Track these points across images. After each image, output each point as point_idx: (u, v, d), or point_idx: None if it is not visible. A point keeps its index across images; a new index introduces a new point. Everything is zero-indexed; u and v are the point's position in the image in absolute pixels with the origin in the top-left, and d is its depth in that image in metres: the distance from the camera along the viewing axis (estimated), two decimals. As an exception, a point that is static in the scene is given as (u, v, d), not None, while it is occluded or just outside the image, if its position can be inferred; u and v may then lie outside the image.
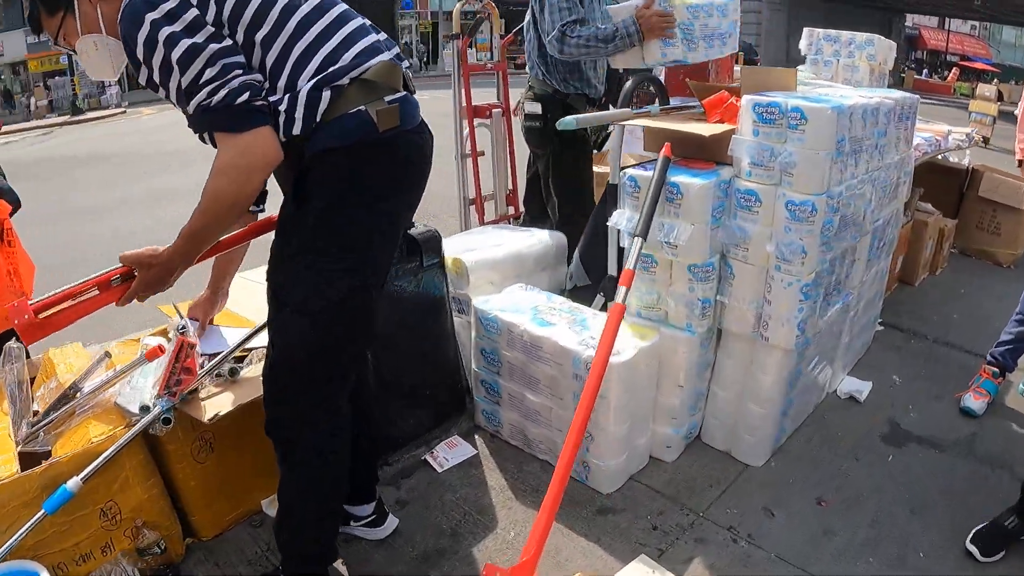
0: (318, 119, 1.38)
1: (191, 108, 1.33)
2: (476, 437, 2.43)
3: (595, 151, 2.66)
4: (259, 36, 1.37)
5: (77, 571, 1.68)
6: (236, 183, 1.35)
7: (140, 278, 1.43)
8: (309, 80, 1.38)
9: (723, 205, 2.11)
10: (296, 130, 1.38)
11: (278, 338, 1.53)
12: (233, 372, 1.88)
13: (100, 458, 1.61)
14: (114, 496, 1.70)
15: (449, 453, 2.31)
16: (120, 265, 1.44)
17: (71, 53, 1.49)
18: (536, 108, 2.89)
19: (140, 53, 1.31)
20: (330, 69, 1.39)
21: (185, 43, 1.29)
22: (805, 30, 4.18)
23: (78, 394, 1.76)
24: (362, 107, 1.40)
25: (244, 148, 1.33)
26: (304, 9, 1.41)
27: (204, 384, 1.84)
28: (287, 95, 1.37)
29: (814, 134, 1.95)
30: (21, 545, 1.52)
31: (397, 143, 1.46)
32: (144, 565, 1.77)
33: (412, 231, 2.21)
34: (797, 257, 2.04)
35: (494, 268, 2.55)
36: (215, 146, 1.36)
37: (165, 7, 1.29)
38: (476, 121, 3.62)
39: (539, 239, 2.75)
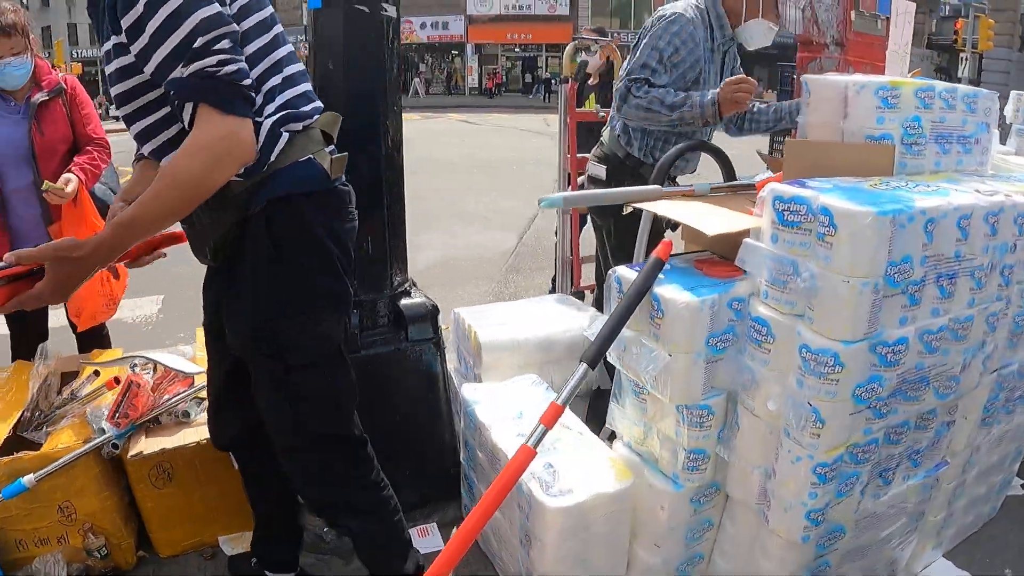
0: (271, 158, 1.38)
1: (188, 71, 1.23)
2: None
3: (670, 230, 2.20)
4: (248, 50, 1.36)
5: (35, 551, 1.99)
6: (207, 168, 1.26)
7: (51, 278, 1.24)
8: (270, 116, 1.38)
9: (733, 331, 1.61)
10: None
11: (293, 405, 1.50)
12: (186, 415, 2.02)
13: (52, 465, 1.87)
14: (71, 498, 1.97)
15: (416, 540, 2.16)
16: (14, 264, 1.23)
17: None
18: (600, 172, 2.52)
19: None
20: (290, 112, 1.41)
21: (214, 7, 1.25)
22: (1013, 93, 2.91)
23: (74, 400, 2.07)
24: (311, 156, 1.43)
25: (228, 132, 1.25)
26: (281, 52, 1.44)
27: (164, 418, 2.02)
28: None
29: (845, 251, 1.37)
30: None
31: (342, 193, 1.51)
32: (92, 563, 2.02)
33: (405, 301, 2.13)
34: (808, 425, 1.46)
35: (515, 350, 2.31)
36: (188, 126, 1.29)
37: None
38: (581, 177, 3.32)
39: (580, 324, 2.40)
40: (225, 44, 1.26)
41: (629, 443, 1.86)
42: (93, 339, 2.61)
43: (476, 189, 4.18)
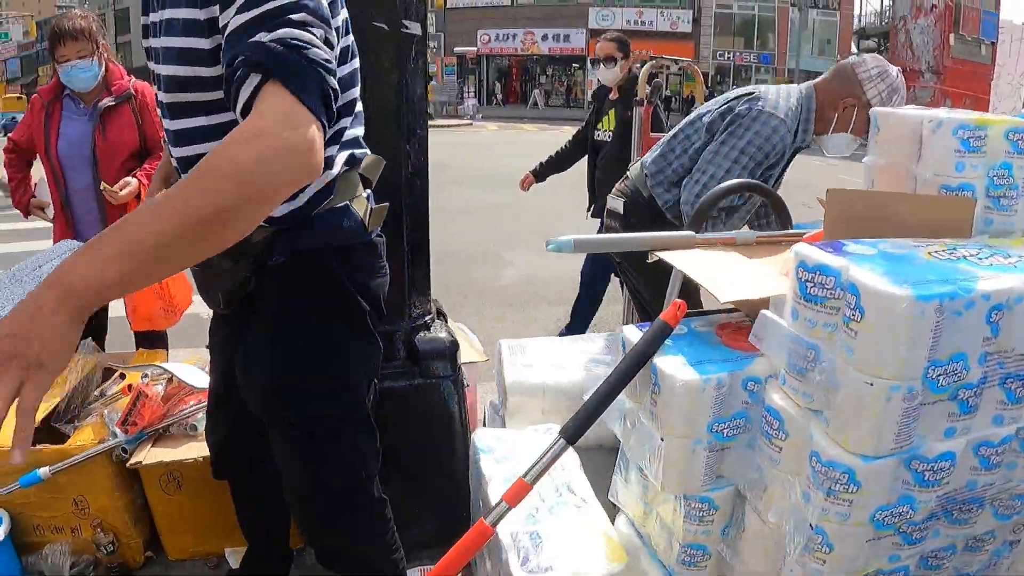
0: (304, 203, 1.24)
1: (272, 36, 0.97)
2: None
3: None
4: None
5: (50, 537, 2.09)
6: (264, 163, 0.87)
7: None
8: (333, 156, 1.26)
9: (746, 416, 1.38)
10: (300, 201, 1.23)
11: (313, 471, 1.40)
12: (194, 428, 2.04)
13: (66, 461, 1.95)
14: (85, 493, 2.05)
15: (417, 582, 2.07)
16: None
17: None
18: (617, 205, 2.29)
19: None
20: (352, 152, 1.31)
21: (321, 4, 1.07)
22: None
23: (101, 399, 2.15)
24: (348, 203, 1.30)
25: (299, 123, 0.92)
26: (357, 90, 1.36)
27: (175, 429, 2.04)
28: None
29: (870, 344, 1.12)
30: (10, 499, 1.98)
31: (377, 246, 1.39)
32: (100, 557, 2.09)
33: (422, 335, 2.03)
34: (813, 547, 1.21)
35: (542, 395, 2.15)
36: (240, 110, 0.99)
37: None
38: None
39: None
40: (320, 33, 1.03)
41: (632, 520, 1.66)
42: (148, 339, 2.72)
43: (576, 208, 4.02)
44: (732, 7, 31.81)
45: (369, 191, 1.39)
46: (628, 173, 2.39)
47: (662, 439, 1.38)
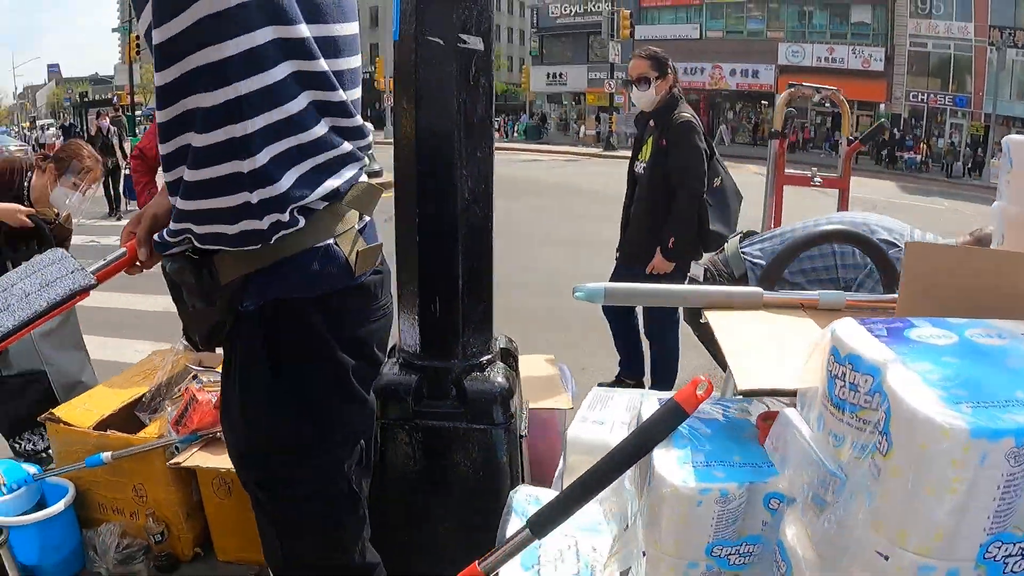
0: (272, 240, 1.10)
1: None
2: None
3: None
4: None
5: (110, 516, 2.26)
6: None
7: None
8: (292, 173, 1.08)
9: (761, 542, 1.06)
10: (258, 223, 1.07)
11: (282, 539, 1.31)
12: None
13: (126, 450, 2.09)
14: (144, 482, 2.17)
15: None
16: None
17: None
18: (698, 273, 1.92)
19: None
20: (325, 176, 1.12)
21: None
22: None
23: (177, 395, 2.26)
24: (332, 241, 1.16)
25: None
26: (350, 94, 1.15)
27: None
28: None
29: (895, 494, 0.78)
30: (80, 475, 2.15)
31: (368, 287, 1.23)
32: (151, 544, 2.19)
33: (474, 376, 1.88)
34: None
35: (600, 455, 1.89)
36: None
37: None
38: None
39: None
40: None
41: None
42: None
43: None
44: (927, 45, 28.75)
45: (364, 224, 1.23)
46: (726, 246, 2.09)
47: (644, 552, 1.11)
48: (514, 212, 9.48)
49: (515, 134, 35.36)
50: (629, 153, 3.39)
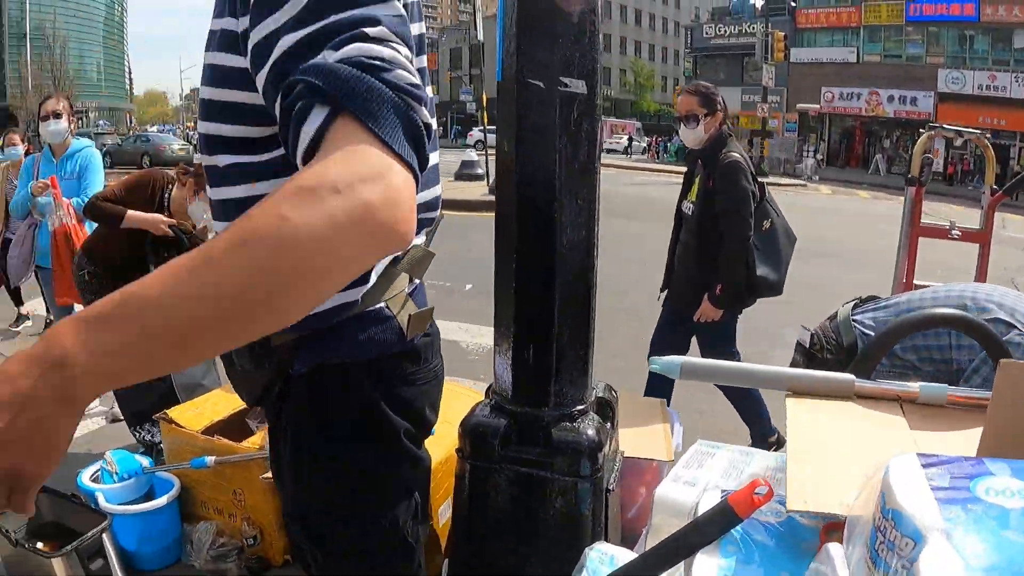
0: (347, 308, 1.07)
1: (339, 55, 0.74)
2: None
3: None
4: None
5: (211, 515, 2.38)
6: (336, 229, 0.62)
7: None
8: None
9: None
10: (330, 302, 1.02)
11: None
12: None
13: (227, 457, 2.21)
14: (243, 487, 2.27)
15: None
16: None
17: None
18: (804, 338, 1.70)
19: None
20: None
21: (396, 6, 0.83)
22: None
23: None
24: (383, 304, 1.12)
25: (380, 170, 0.66)
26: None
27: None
28: None
29: None
30: (187, 474, 2.30)
31: (419, 350, 1.19)
32: (245, 546, 2.29)
33: (564, 425, 1.79)
34: None
35: (687, 518, 1.76)
36: (300, 155, 0.72)
37: None
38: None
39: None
40: (404, 52, 0.79)
41: None
42: None
43: (870, 287, 3.22)
44: (1100, 73, 25.76)
45: (414, 287, 1.18)
46: (838, 310, 1.86)
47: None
48: (645, 235, 9.21)
49: (666, 155, 34.69)
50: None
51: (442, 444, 2.02)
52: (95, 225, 3.14)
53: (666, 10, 59.29)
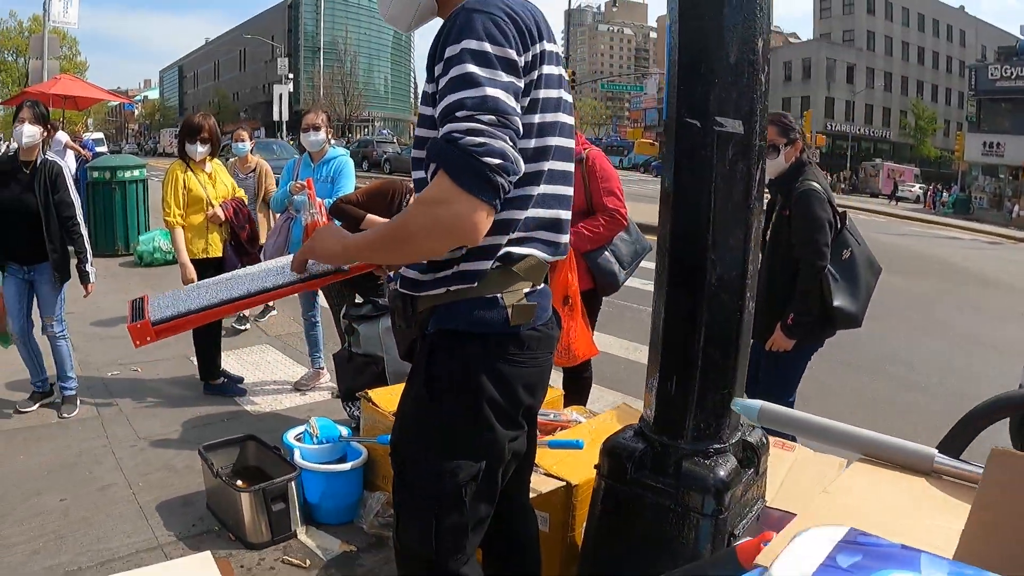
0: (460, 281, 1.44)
1: (441, 132, 1.29)
2: None
3: None
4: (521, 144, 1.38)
5: (387, 487, 2.66)
6: (422, 228, 1.31)
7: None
8: (488, 238, 1.38)
9: None
10: (444, 272, 1.45)
11: (397, 515, 1.61)
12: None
13: None
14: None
15: None
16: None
17: None
18: None
19: (454, 50, 1.30)
20: (526, 236, 1.45)
21: (502, 90, 1.28)
22: None
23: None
24: (498, 295, 1.44)
25: (449, 202, 1.26)
26: (547, 165, 1.45)
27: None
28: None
29: None
30: (376, 447, 2.67)
31: (525, 339, 1.49)
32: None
33: (695, 460, 1.83)
34: None
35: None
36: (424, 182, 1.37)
37: (498, 67, 1.29)
38: None
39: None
40: (486, 118, 1.25)
41: None
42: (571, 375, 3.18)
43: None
44: None
45: (535, 289, 1.49)
46: None
47: None
48: (904, 291, 8.84)
49: (942, 206, 31.79)
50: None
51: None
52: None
53: (950, 47, 53.20)
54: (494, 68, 1.28)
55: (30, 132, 3.60)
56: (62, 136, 10.06)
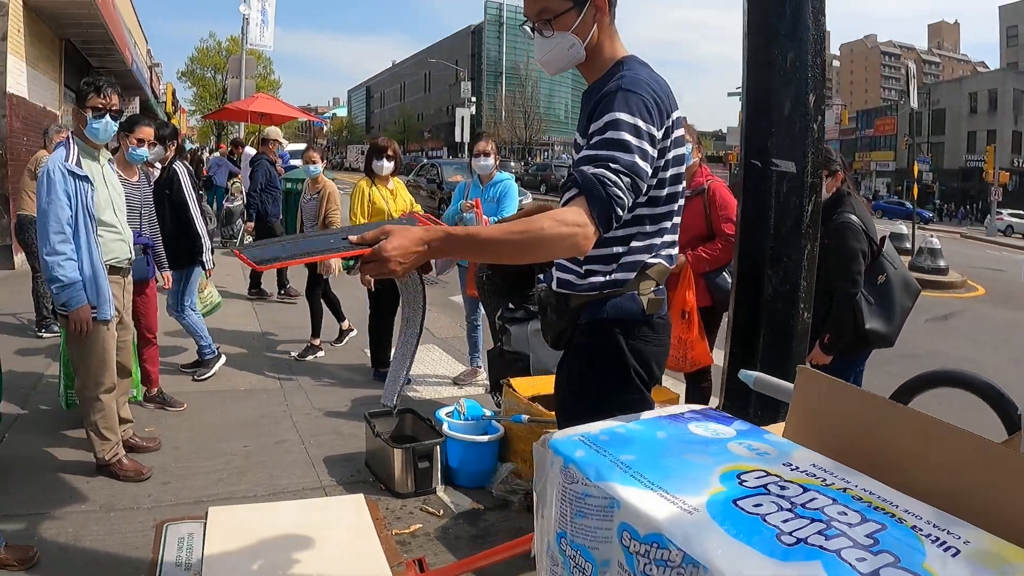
0: (608, 289, 1.89)
1: (592, 170, 1.69)
2: None
3: None
4: (661, 192, 1.86)
5: (516, 459, 3.34)
6: (553, 237, 1.64)
7: (383, 245, 1.59)
8: (639, 254, 1.90)
9: None
10: (602, 278, 1.93)
11: None
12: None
13: (536, 419, 3.16)
14: (540, 442, 3.15)
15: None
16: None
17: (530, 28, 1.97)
18: None
19: (612, 117, 1.73)
20: (653, 255, 1.92)
21: (639, 162, 1.72)
22: None
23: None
24: (635, 292, 1.92)
25: (584, 230, 1.65)
26: (677, 205, 1.93)
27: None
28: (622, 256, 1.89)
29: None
30: (511, 426, 3.32)
31: (656, 325, 1.98)
32: (530, 489, 3.15)
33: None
34: None
35: None
36: (563, 200, 1.77)
37: (644, 139, 1.73)
38: None
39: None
40: (627, 180, 1.73)
41: None
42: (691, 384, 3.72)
43: None
44: None
45: (659, 288, 1.94)
46: None
47: None
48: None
49: None
50: None
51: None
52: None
53: None
54: (642, 140, 1.73)
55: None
56: (250, 151, 11.76)
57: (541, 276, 2.17)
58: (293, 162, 11.81)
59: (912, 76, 15.49)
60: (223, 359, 5.21)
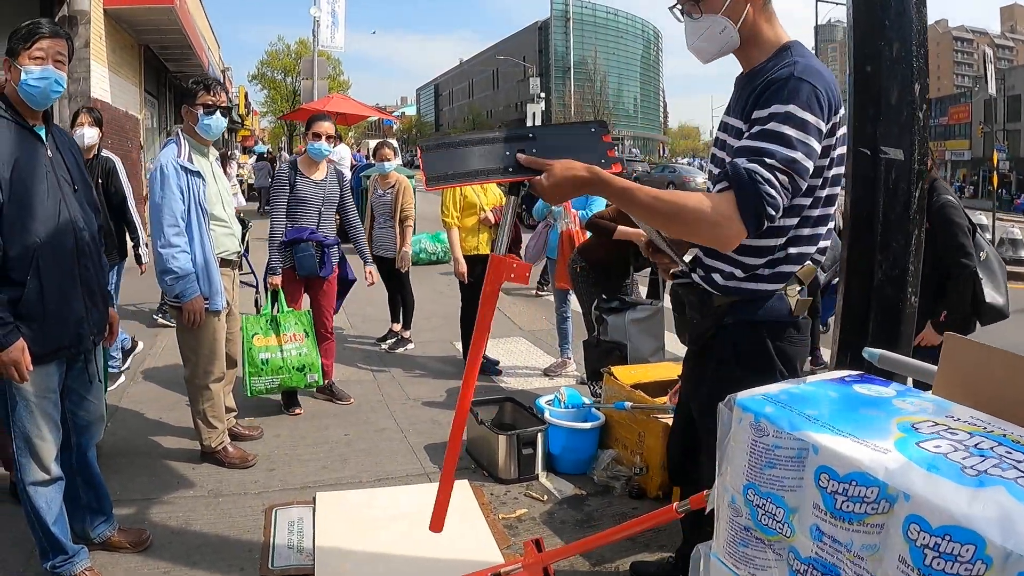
0: (758, 288, 1.95)
1: (747, 165, 1.70)
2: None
3: None
4: (821, 194, 1.88)
5: (617, 446, 3.56)
6: (698, 220, 1.71)
7: (549, 174, 1.79)
8: (791, 264, 1.94)
9: None
10: (752, 284, 1.97)
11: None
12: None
13: (639, 405, 3.36)
14: (645, 431, 3.38)
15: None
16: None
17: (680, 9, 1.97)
18: None
19: (780, 108, 1.73)
20: (803, 256, 1.96)
21: (802, 160, 1.72)
22: None
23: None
24: (782, 292, 1.97)
25: (729, 224, 1.70)
26: (834, 206, 1.98)
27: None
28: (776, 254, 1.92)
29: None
30: (612, 413, 3.54)
31: (800, 325, 2.07)
32: (632, 475, 3.40)
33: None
34: None
35: None
36: (714, 189, 1.81)
37: (810, 134, 1.73)
38: None
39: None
40: (783, 178, 1.72)
41: None
42: None
43: None
44: None
45: (804, 289, 2.02)
46: None
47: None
48: None
49: None
50: None
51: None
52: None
53: None
54: (807, 134, 1.72)
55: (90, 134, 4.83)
56: (343, 150, 12.35)
57: (680, 272, 2.18)
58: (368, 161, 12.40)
59: (989, 61, 14.80)
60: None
